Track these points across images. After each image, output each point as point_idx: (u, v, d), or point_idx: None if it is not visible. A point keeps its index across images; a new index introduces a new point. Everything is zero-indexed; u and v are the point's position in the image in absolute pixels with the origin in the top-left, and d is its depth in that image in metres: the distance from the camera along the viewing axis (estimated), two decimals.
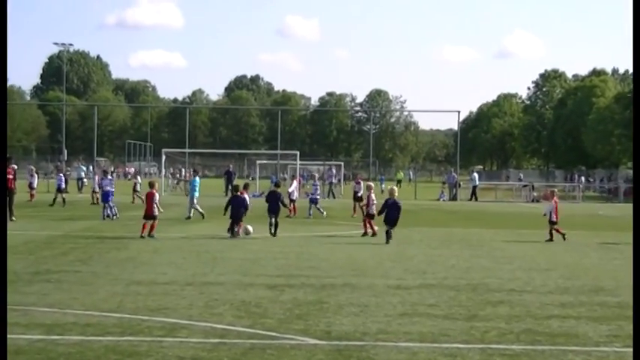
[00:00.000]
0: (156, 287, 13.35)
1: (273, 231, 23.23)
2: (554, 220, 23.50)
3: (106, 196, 29.45)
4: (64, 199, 37.52)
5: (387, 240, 21.79)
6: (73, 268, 15.71)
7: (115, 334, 9.72)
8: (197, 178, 31.42)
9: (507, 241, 23.66)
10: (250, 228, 23.15)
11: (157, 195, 22.74)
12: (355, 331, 10.12)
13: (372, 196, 24.24)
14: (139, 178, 42.67)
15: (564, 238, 23.19)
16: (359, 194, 33.73)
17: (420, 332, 10.14)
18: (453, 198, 54.45)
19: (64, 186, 39.58)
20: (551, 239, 23.21)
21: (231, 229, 22.95)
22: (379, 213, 23.02)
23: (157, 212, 22.35)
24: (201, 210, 29.80)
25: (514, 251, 20.64)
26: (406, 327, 10.45)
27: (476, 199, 53.74)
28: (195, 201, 30.20)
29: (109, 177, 31.70)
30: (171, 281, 14.02)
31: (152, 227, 22.05)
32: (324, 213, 32.74)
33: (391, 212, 22.37)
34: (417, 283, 14.34)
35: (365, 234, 23.86)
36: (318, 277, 14.97)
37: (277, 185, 25.85)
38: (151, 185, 23.14)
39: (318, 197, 34.49)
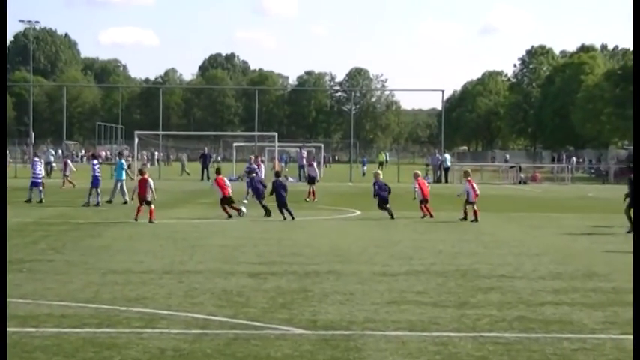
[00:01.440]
0: (133, 276, 12.93)
1: (291, 213, 23.39)
2: (473, 200, 24.01)
3: (95, 182, 28.46)
4: None
5: (392, 216, 23.86)
6: (46, 256, 15.23)
7: (92, 325, 9.37)
8: (123, 162, 30.80)
9: (495, 224, 23.26)
10: (244, 209, 24.23)
11: (150, 180, 22.79)
12: (342, 320, 9.79)
13: (417, 183, 25.01)
14: (69, 162, 41.85)
15: (476, 220, 23.37)
16: (312, 177, 33.40)
17: (409, 320, 9.83)
18: (438, 180, 54.04)
19: None
20: (465, 218, 23.74)
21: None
22: (374, 195, 24.70)
23: (150, 197, 22.35)
24: (126, 197, 28.48)
25: (503, 235, 20.32)
26: (394, 315, 10.13)
27: (446, 182, 52.93)
28: (120, 185, 29.23)
29: (96, 161, 30.20)
30: (148, 270, 13.60)
31: (150, 213, 21.96)
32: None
33: (382, 193, 24.41)
34: (404, 270, 13.97)
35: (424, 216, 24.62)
36: (302, 264, 14.59)
37: (278, 175, 25.88)
38: (141, 172, 23.47)
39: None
